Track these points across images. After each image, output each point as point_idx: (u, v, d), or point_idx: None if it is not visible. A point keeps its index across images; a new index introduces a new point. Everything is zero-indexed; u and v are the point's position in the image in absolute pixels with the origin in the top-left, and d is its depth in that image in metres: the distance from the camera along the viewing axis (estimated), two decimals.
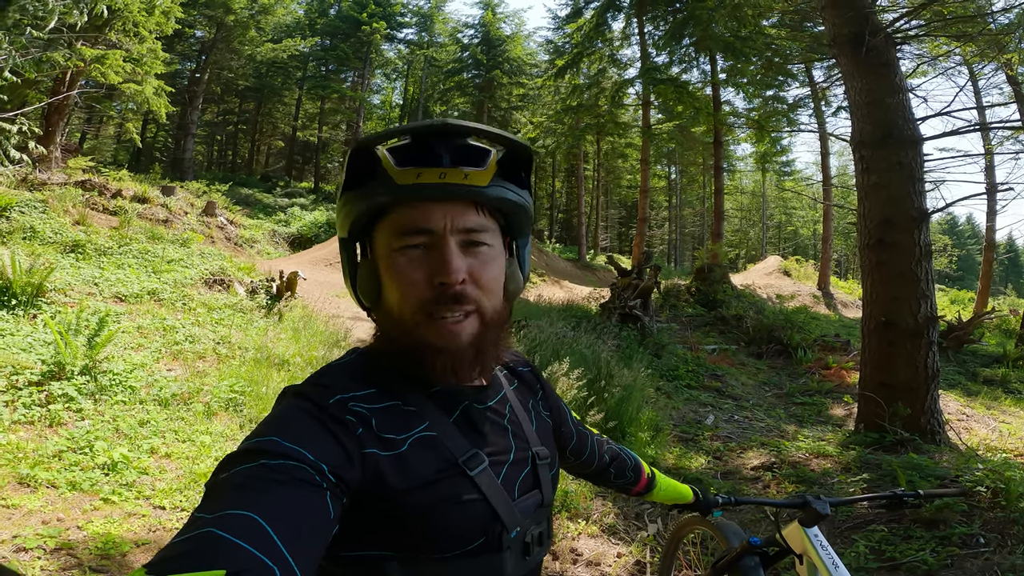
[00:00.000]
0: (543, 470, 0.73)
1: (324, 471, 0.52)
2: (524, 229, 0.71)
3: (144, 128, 23.76)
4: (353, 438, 0.57)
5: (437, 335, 0.62)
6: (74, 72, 10.34)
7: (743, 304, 11.86)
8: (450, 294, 0.61)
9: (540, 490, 0.71)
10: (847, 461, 4.00)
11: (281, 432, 0.53)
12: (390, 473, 0.58)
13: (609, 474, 1.04)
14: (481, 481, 0.63)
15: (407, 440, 0.61)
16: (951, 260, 29.23)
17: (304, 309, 6.71)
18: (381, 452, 0.58)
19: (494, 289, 0.65)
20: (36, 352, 3.65)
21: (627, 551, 2.85)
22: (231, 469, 0.50)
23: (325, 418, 0.57)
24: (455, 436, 0.65)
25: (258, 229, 16.23)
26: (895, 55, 4.70)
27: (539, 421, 0.79)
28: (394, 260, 0.62)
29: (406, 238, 0.62)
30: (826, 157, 18.40)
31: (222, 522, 0.43)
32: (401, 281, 0.62)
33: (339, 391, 0.60)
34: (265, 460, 0.50)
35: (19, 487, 2.49)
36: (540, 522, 0.71)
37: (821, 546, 1.37)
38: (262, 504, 0.46)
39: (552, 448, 0.78)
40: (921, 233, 4.40)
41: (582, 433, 0.97)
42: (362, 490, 0.56)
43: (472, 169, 0.61)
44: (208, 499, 0.48)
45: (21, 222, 6.64)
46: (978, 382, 7.92)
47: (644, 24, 16.17)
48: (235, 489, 0.47)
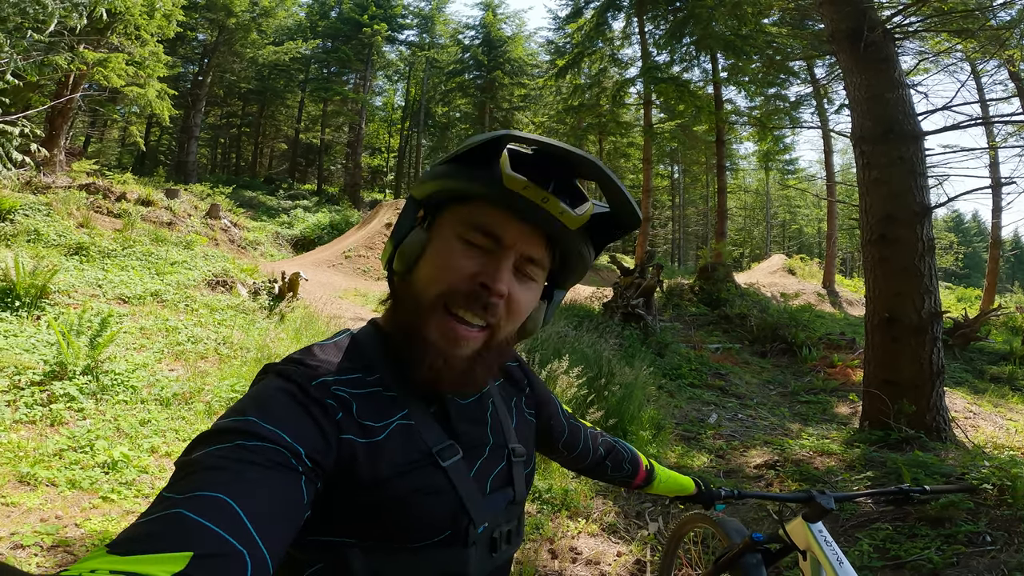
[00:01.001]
0: (517, 467, 0.72)
1: (301, 455, 0.50)
2: (570, 283, 0.72)
3: (148, 131, 23.89)
4: (332, 422, 0.56)
5: (441, 333, 0.60)
6: (77, 75, 10.39)
7: (747, 303, 11.81)
8: (484, 299, 0.60)
9: (512, 487, 0.70)
10: (851, 459, 3.96)
11: (260, 412, 0.52)
12: (364, 461, 0.57)
13: (606, 467, 1.02)
14: (452, 473, 0.62)
15: (386, 428, 0.60)
16: (957, 258, 29.02)
17: (306, 310, 6.72)
18: (358, 439, 0.57)
19: (517, 320, 0.65)
20: (39, 352, 3.66)
21: (627, 550, 2.83)
22: (205, 448, 0.48)
23: (306, 400, 0.55)
24: (431, 426, 0.64)
25: (261, 231, 16.29)
26: (894, 50, 4.68)
27: (520, 419, 0.78)
28: (452, 243, 0.62)
29: (474, 234, 0.61)
30: (829, 155, 18.33)
31: (192, 503, 0.42)
32: (448, 263, 0.61)
33: (323, 373, 0.59)
34: (241, 441, 0.48)
35: (19, 485, 2.49)
36: (510, 520, 0.69)
37: (825, 542, 1.34)
38: (235, 486, 0.44)
39: (530, 447, 0.77)
40: (924, 228, 4.37)
41: (574, 426, 0.96)
42: (335, 476, 0.55)
43: (569, 209, 0.61)
44: (179, 479, 0.46)
45: (25, 225, 6.67)
46: (985, 380, 7.86)
47: (644, 23, 16.16)
48: (208, 470, 0.46)
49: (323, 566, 0.58)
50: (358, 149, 29.17)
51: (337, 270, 12.99)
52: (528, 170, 0.60)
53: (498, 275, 0.60)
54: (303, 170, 33.30)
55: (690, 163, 30.43)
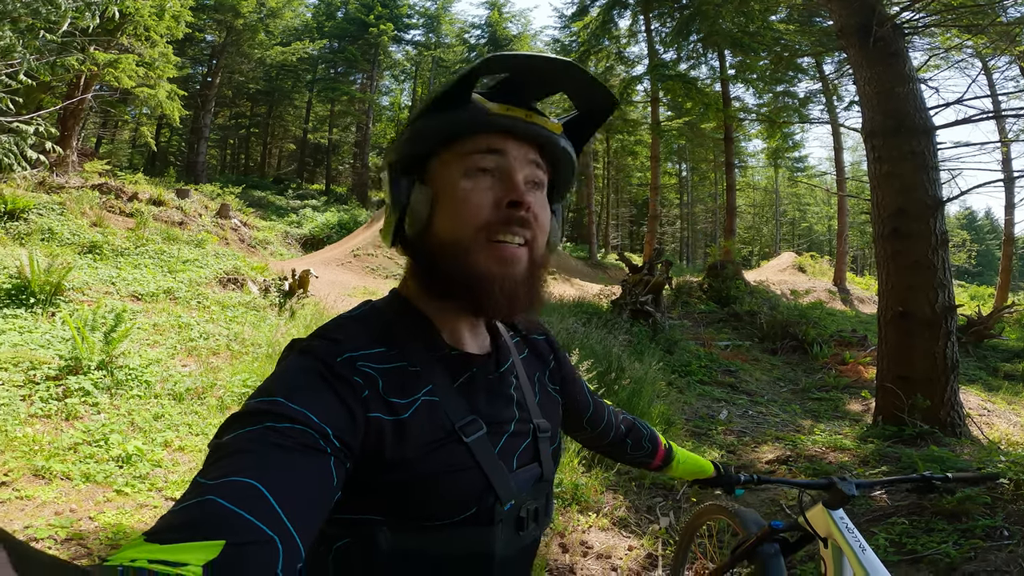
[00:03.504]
0: (543, 443, 0.71)
1: (329, 435, 0.51)
2: (564, 190, 0.74)
3: (158, 132, 24.10)
4: (359, 401, 0.56)
5: (496, 260, 0.61)
6: (88, 76, 10.50)
7: (756, 300, 11.74)
8: (517, 216, 0.61)
9: (540, 463, 0.69)
10: (865, 454, 3.93)
11: (287, 392, 0.52)
12: (391, 440, 0.57)
13: (626, 445, 1.01)
14: (476, 449, 0.62)
15: (412, 405, 0.60)
16: (970, 255, 28.72)
17: (316, 307, 6.75)
18: (385, 417, 0.57)
19: (545, 229, 0.66)
20: (54, 348, 3.70)
21: (638, 544, 2.82)
22: (236, 431, 0.49)
23: (332, 378, 0.55)
24: (456, 401, 0.63)
25: (271, 231, 16.37)
26: (903, 45, 4.65)
27: (544, 394, 0.77)
28: (461, 182, 0.61)
29: (478, 158, 0.62)
30: (839, 151, 18.17)
31: (223, 490, 0.43)
32: (467, 202, 0.61)
33: (348, 348, 0.59)
34: (270, 423, 0.49)
35: (34, 479, 2.52)
36: (538, 497, 0.68)
37: (847, 528, 1.31)
38: (265, 471, 0.45)
39: (555, 423, 0.76)
40: (936, 222, 4.32)
41: (598, 403, 0.95)
42: (363, 455, 0.55)
43: (548, 120, 0.65)
44: (211, 463, 0.47)
45: (39, 224, 6.76)
46: (999, 377, 7.77)
47: (651, 21, 16.07)
48: (238, 453, 0.47)
49: (350, 542, 0.58)
50: (366, 149, 29.27)
51: (346, 268, 13.04)
52: (506, 95, 0.64)
53: (519, 188, 0.61)
54: (311, 170, 33.46)
55: (698, 160, 30.32)
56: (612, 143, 26.83)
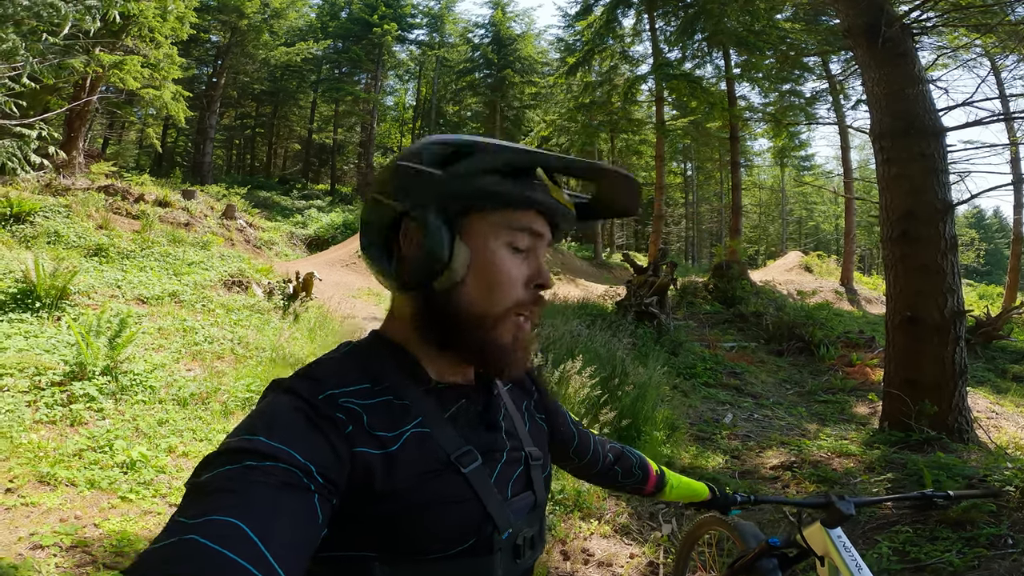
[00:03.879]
0: (536, 471, 0.71)
1: (312, 472, 0.50)
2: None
3: (164, 133, 24.22)
4: (342, 437, 0.55)
5: (513, 335, 0.64)
6: (93, 78, 10.56)
7: (762, 301, 11.68)
8: (539, 297, 0.66)
9: (533, 491, 0.70)
10: (871, 460, 3.90)
11: (267, 431, 0.51)
12: (380, 473, 0.56)
13: (615, 473, 1.01)
14: (474, 479, 0.61)
15: (400, 437, 0.59)
16: (978, 255, 28.46)
17: (319, 309, 6.77)
18: (372, 451, 0.56)
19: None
20: (59, 353, 3.72)
21: (640, 552, 2.81)
22: (214, 470, 0.48)
23: (314, 415, 0.54)
24: (449, 432, 0.62)
25: (276, 231, 16.43)
26: (912, 45, 4.60)
27: (532, 423, 0.78)
28: (501, 254, 0.63)
29: (521, 236, 0.64)
30: (846, 151, 18.05)
31: (204, 529, 0.41)
32: (505, 281, 0.63)
33: (330, 386, 0.58)
34: (251, 461, 0.48)
35: (39, 485, 2.53)
36: (533, 524, 0.68)
37: (844, 548, 1.31)
38: (247, 509, 0.44)
39: (545, 451, 0.77)
40: (946, 225, 4.28)
41: (583, 433, 0.95)
42: (351, 490, 0.54)
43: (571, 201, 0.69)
44: (190, 502, 0.45)
45: (45, 227, 6.81)
46: (1007, 379, 7.70)
47: (655, 20, 15.99)
48: (218, 492, 0.45)
49: None
50: (370, 149, 29.33)
51: (351, 269, 13.06)
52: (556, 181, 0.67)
53: (545, 273, 0.65)
54: (316, 170, 33.55)
55: (703, 160, 30.17)
56: (617, 143, 26.72)
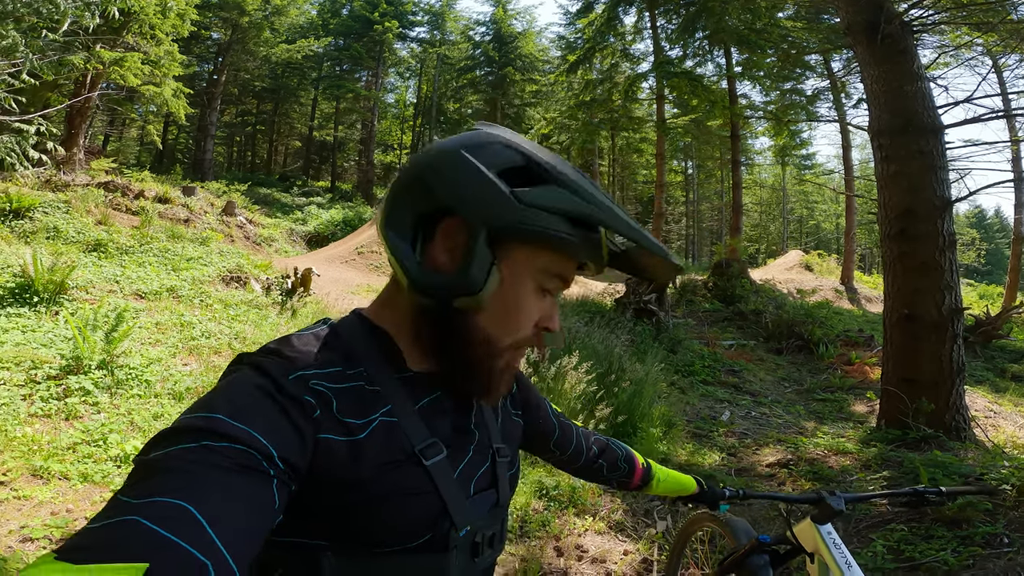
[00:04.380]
0: (502, 468, 0.69)
1: (273, 457, 0.47)
2: None
3: (165, 130, 24.24)
4: (309, 420, 0.52)
5: (507, 365, 0.64)
6: (94, 75, 10.55)
7: (762, 299, 11.67)
8: (542, 339, 0.66)
9: (496, 489, 0.68)
10: (867, 458, 3.89)
11: (230, 409, 0.48)
12: (343, 461, 0.54)
13: (601, 467, 1.00)
14: (435, 472, 0.59)
15: (368, 425, 0.56)
16: (979, 254, 28.42)
17: (317, 305, 6.77)
18: (337, 438, 0.54)
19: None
20: (56, 347, 3.73)
21: (634, 548, 2.81)
22: (167, 447, 0.45)
23: (281, 396, 0.51)
24: (416, 423, 0.60)
25: (276, 228, 16.43)
26: (912, 43, 4.58)
27: (505, 418, 0.76)
28: (528, 290, 0.62)
29: (555, 281, 0.64)
30: (847, 149, 17.99)
31: (149, 510, 0.39)
32: (525, 312, 0.63)
33: (301, 366, 0.55)
34: (208, 441, 0.45)
35: (32, 479, 2.54)
36: (494, 523, 0.66)
37: (834, 544, 1.30)
38: (198, 492, 0.41)
39: (514, 448, 0.76)
40: (944, 222, 4.27)
41: (565, 424, 0.93)
42: (312, 477, 0.52)
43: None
44: (137, 481, 0.43)
45: (44, 222, 6.81)
46: (1006, 378, 7.69)
47: (656, 17, 15.95)
48: (168, 472, 0.42)
49: (290, 567, 0.55)
50: (371, 146, 29.32)
51: (350, 266, 13.07)
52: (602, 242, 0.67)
53: (555, 319, 0.65)
54: (317, 167, 33.55)
55: (704, 158, 30.12)
56: (617, 140, 26.68)
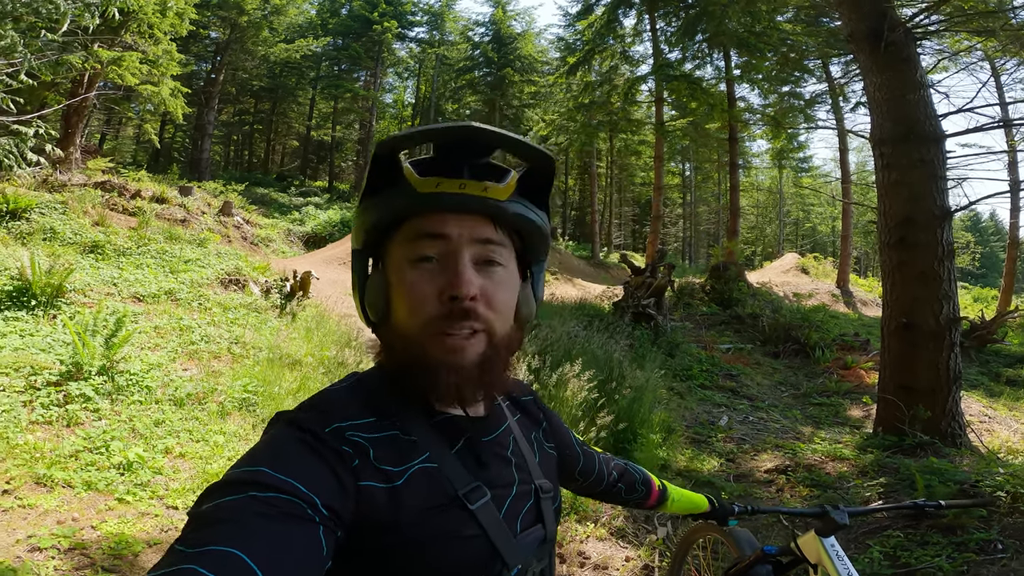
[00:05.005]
0: (546, 504, 0.70)
1: (317, 504, 0.49)
2: (540, 253, 0.70)
3: (162, 129, 24.10)
4: (349, 470, 0.54)
5: (443, 350, 0.60)
6: (91, 74, 10.50)
7: (759, 302, 11.71)
8: (459, 309, 0.59)
9: (543, 525, 0.68)
10: (864, 464, 3.92)
11: (272, 462, 0.51)
12: (386, 507, 0.55)
13: (619, 490, 1.02)
14: (482, 515, 0.61)
15: (406, 472, 0.58)
16: (974, 257, 28.56)
17: (317, 308, 6.76)
18: (378, 484, 0.56)
19: (505, 312, 0.64)
20: (55, 352, 3.71)
21: (635, 555, 2.83)
22: (216, 500, 0.47)
23: (320, 447, 0.54)
24: (456, 468, 0.62)
25: (273, 228, 16.39)
26: (915, 50, 4.59)
27: (542, 454, 0.76)
28: (406, 273, 0.61)
29: (421, 244, 0.60)
30: (845, 153, 18.07)
31: (204, 559, 0.41)
32: (412, 295, 0.60)
33: (336, 419, 0.58)
34: (254, 492, 0.47)
35: (36, 487, 2.53)
36: (542, 558, 0.68)
37: (837, 556, 1.34)
38: (248, 540, 0.43)
39: (555, 481, 0.75)
40: (944, 232, 4.30)
41: (588, 453, 0.95)
42: (356, 524, 0.54)
43: (490, 184, 0.61)
44: (191, 531, 0.45)
45: (41, 223, 6.77)
46: (1001, 383, 7.74)
47: (656, 20, 16.00)
48: (220, 523, 0.45)
49: None
50: (368, 146, 29.25)
51: (347, 267, 12.94)
52: (437, 167, 0.61)
53: (459, 280, 0.59)
54: (314, 167, 33.48)
55: (702, 161, 30.21)
56: (616, 142, 26.75)
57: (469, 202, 0.60)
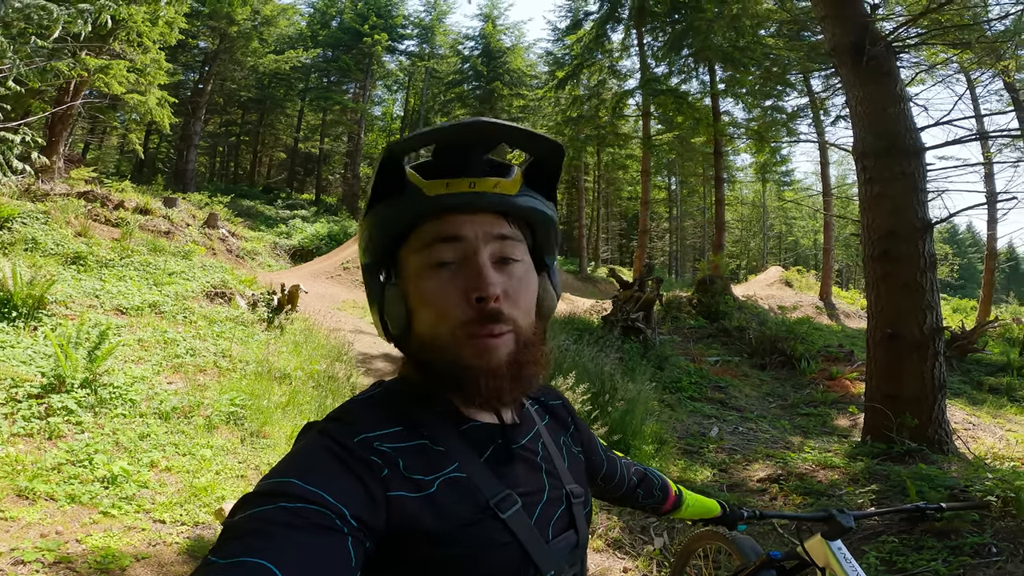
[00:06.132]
0: (577, 509, 0.70)
1: (345, 515, 0.49)
2: (552, 244, 0.70)
3: (147, 139, 23.87)
4: (378, 480, 0.54)
5: (475, 353, 0.59)
6: (78, 82, 10.38)
7: (745, 315, 11.82)
8: (487, 312, 0.58)
9: (576, 530, 0.68)
10: (855, 472, 3.95)
11: (301, 473, 0.51)
12: (419, 516, 0.55)
13: (637, 495, 1.03)
14: (514, 523, 0.60)
15: (435, 481, 0.58)
16: (952, 269, 29.21)
17: (305, 322, 6.69)
18: (408, 494, 0.56)
19: (528, 308, 0.63)
20: (36, 365, 3.62)
21: (633, 566, 2.81)
22: (247, 511, 0.48)
23: (348, 458, 0.54)
24: (486, 476, 0.61)
25: (260, 241, 16.24)
26: (895, 64, 4.70)
27: (571, 458, 0.76)
28: (426, 281, 0.60)
29: (437, 249, 0.59)
30: (826, 167, 18.43)
31: (235, 571, 0.42)
32: (436, 302, 0.59)
33: (364, 430, 0.58)
34: (284, 503, 0.48)
35: (17, 500, 2.45)
36: (575, 563, 0.67)
37: (845, 559, 1.36)
38: (278, 552, 0.44)
39: (584, 485, 0.75)
40: (926, 244, 4.39)
41: (611, 458, 0.96)
42: (388, 535, 0.54)
43: (499, 179, 0.60)
44: (222, 543, 0.46)
45: (23, 233, 6.64)
46: (983, 391, 7.88)
47: (643, 35, 16.30)
48: (250, 534, 0.45)
49: None
50: (357, 159, 29.24)
51: (336, 281, 12.96)
52: (444, 169, 0.60)
53: (483, 280, 0.58)
54: (301, 180, 33.33)
55: (688, 175, 30.62)
56: (603, 156, 27.03)
57: (481, 200, 0.59)
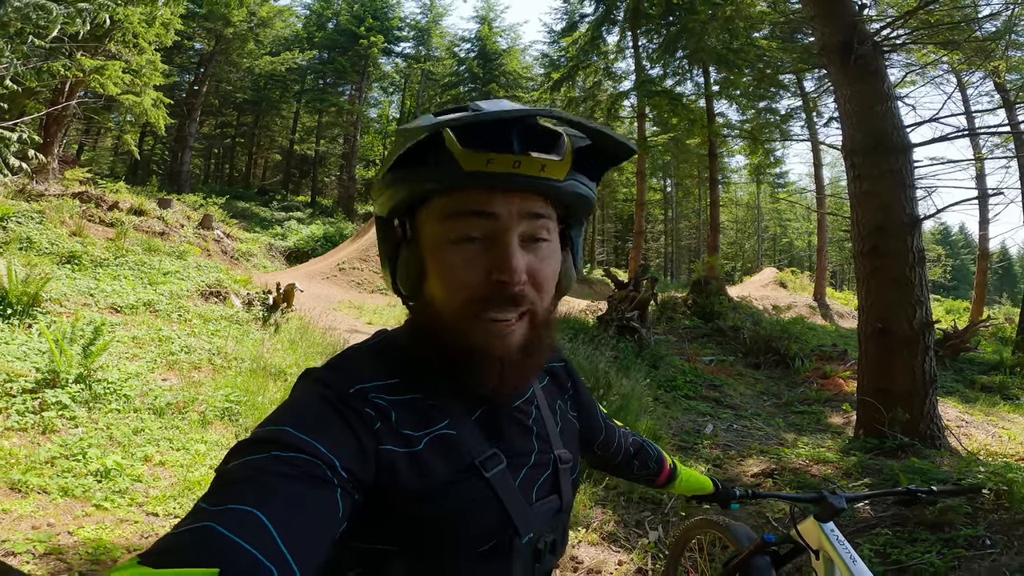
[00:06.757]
0: (564, 475, 0.69)
1: (336, 466, 0.50)
2: (583, 220, 0.66)
3: (142, 140, 23.79)
4: (370, 433, 0.55)
5: (486, 339, 0.57)
6: (73, 82, 10.36)
7: (740, 316, 11.87)
8: (507, 295, 0.55)
9: (559, 495, 0.68)
10: (848, 467, 3.98)
11: (296, 422, 0.52)
12: (405, 471, 0.56)
13: (633, 465, 1.02)
14: (497, 483, 0.61)
15: (424, 438, 0.59)
16: (945, 270, 29.42)
17: (300, 321, 6.69)
18: (397, 449, 0.56)
19: (549, 288, 0.60)
20: (31, 360, 3.61)
21: (628, 559, 2.82)
22: (241, 458, 0.48)
23: (343, 408, 0.54)
24: (474, 435, 0.62)
25: (255, 243, 16.19)
26: (883, 63, 4.75)
27: (564, 422, 0.75)
28: (445, 254, 0.56)
29: (463, 222, 0.55)
30: (819, 168, 18.57)
31: (223, 517, 0.42)
32: (452, 276, 0.56)
33: (361, 379, 0.58)
34: (276, 451, 0.48)
35: (10, 492, 2.45)
36: (556, 528, 0.68)
37: (838, 541, 1.36)
38: (267, 500, 0.44)
39: (575, 452, 0.74)
40: (914, 239, 4.43)
41: (610, 427, 0.96)
42: (375, 487, 0.54)
43: (548, 159, 0.54)
44: (214, 488, 0.47)
45: (18, 232, 6.62)
46: (976, 389, 7.92)
47: (638, 37, 16.39)
48: (241, 482, 0.46)
49: (362, 571, 0.58)
50: (352, 161, 29.24)
51: (331, 282, 12.95)
52: (485, 139, 0.52)
53: (509, 264, 0.54)
54: (297, 181, 33.26)
55: (683, 176, 30.75)
56: None
57: (525, 183, 0.53)
